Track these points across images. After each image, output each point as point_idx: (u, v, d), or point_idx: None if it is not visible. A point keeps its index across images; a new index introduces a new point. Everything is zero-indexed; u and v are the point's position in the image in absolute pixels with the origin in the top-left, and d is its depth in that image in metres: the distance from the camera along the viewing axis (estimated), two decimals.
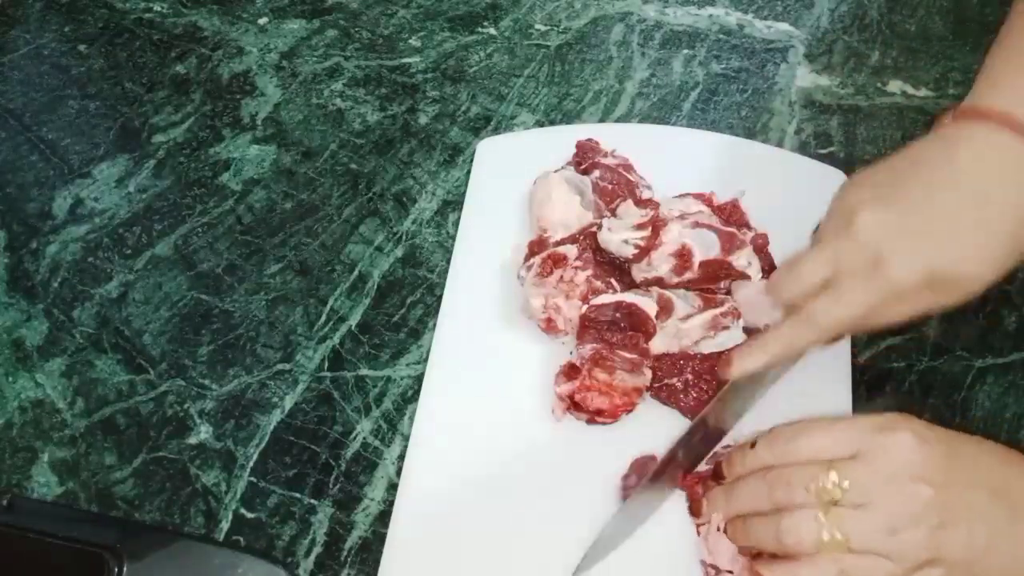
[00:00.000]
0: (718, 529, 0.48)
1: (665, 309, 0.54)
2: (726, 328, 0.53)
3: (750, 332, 0.54)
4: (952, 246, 0.45)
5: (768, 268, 0.57)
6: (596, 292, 0.55)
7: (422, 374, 0.57)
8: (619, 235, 0.56)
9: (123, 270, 0.63)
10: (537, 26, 0.74)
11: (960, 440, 0.45)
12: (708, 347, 0.54)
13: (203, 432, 0.57)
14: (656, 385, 0.54)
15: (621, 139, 0.62)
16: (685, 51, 0.72)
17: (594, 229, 0.57)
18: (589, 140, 0.62)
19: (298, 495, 0.55)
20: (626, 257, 0.56)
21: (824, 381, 0.54)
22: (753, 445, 0.48)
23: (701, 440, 0.52)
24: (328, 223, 0.65)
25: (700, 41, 0.72)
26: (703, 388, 0.53)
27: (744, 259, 0.55)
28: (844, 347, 0.56)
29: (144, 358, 0.60)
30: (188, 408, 0.58)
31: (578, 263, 0.56)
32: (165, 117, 0.70)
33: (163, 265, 0.63)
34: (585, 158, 0.61)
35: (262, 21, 0.75)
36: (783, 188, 0.62)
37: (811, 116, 0.68)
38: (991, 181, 0.45)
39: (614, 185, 0.59)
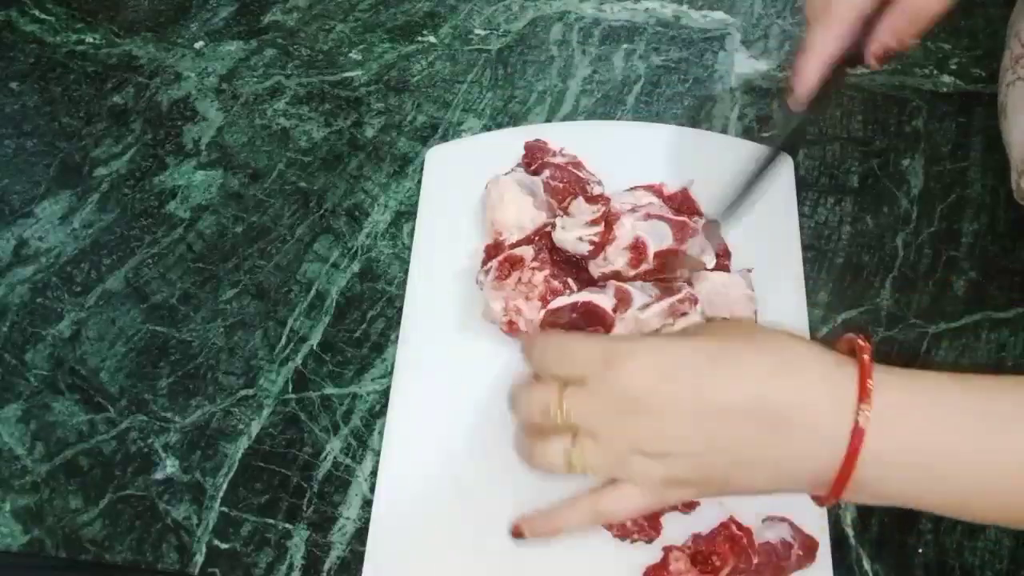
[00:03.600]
0: None
1: (623, 301, 0.54)
2: (684, 315, 0.54)
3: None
4: None
5: (722, 252, 0.57)
6: (555, 292, 0.55)
7: (388, 388, 0.57)
8: (573, 233, 0.56)
9: (74, 308, 0.62)
10: (477, 31, 0.74)
11: (709, 365, 0.40)
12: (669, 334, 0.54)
13: (169, 466, 0.56)
14: None
15: (568, 137, 0.63)
16: (625, 46, 0.72)
17: (548, 229, 0.57)
18: (537, 141, 0.62)
19: (272, 521, 0.54)
20: (582, 254, 0.56)
21: None
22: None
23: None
24: (281, 244, 0.64)
25: (638, 35, 0.73)
26: None
27: (697, 247, 0.55)
28: (802, 323, 0.57)
29: (102, 396, 0.59)
30: (152, 443, 0.57)
31: (535, 264, 0.56)
32: (106, 149, 0.69)
33: (115, 300, 0.62)
34: (535, 159, 0.61)
35: (198, 45, 0.74)
36: (732, 173, 0.63)
37: (752, 101, 0.69)
38: None
39: (565, 183, 0.59)
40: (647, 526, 0.50)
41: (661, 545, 0.50)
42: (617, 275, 0.56)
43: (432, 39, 0.74)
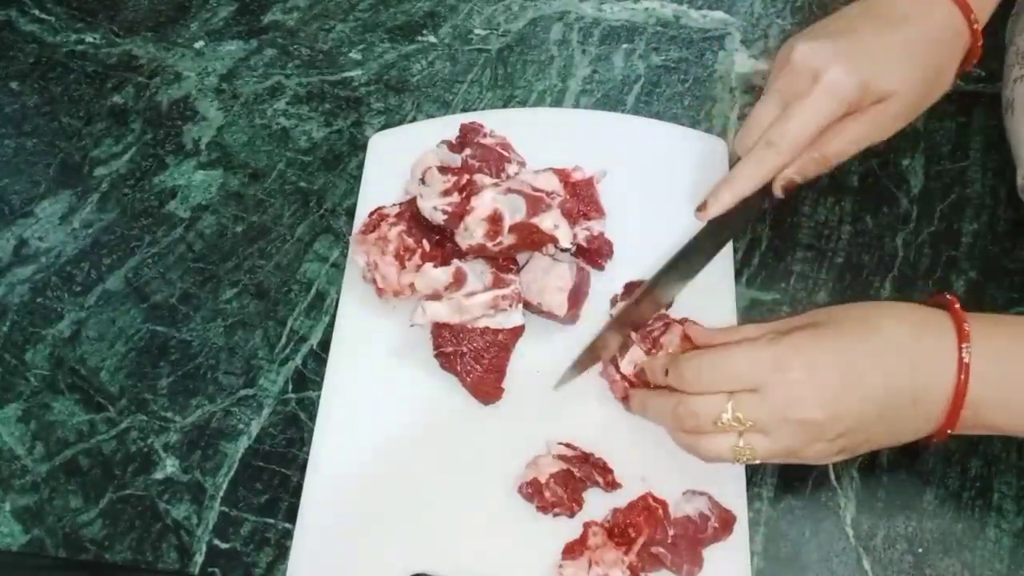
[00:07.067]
0: None
1: (457, 281, 0.55)
2: (504, 310, 0.55)
3: (532, 308, 0.56)
4: (878, 63, 0.54)
5: (605, 249, 0.59)
6: (408, 250, 0.56)
7: None
8: (429, 202, 0.56)
9: (74, 308, 0.62)
10: (476, 31, 0.74)
11: (855, 355, 0.47)
12: (486, 323, 0.55)
13: (169, 466, 0.56)
14: (436, 352, 0.55)
15: (518, 123, 0.64)
16: (624, 45, 0.72)
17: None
18: (472, 123, 0.62)
19: (272, 520, 0.54)
20: (439, 223, 0.56)
21: None
22: (666, 373, 0.50)
23: (647, 305, 0.56)
24: (281, 243, 0.64)
25: (638, 35, 0.73)
26: (479, 364, 0.55)
27: (550, 221, 0.55)
28: None
29: (103, 396, 0.59)
30: (152, 443, 0.57)
31: (392, 220, 0.57)
32: (106, 149, 0.69)
33: (115, 300, 0.62)
34: (467, 139, 0.62)
35: (198, 45, 0.74)
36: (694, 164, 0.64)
37: (752, 101, 0.68)
38: (906, 14, 0.55)
39: (482, 162, 0.59)
40: (568, 500, 0.51)
41: (582, 520, 0.51)
42: (483, 249, 0.56)
43: (432, 39, 0.74)
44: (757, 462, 0.48)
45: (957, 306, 0.47)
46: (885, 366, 0.46)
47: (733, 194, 0.56)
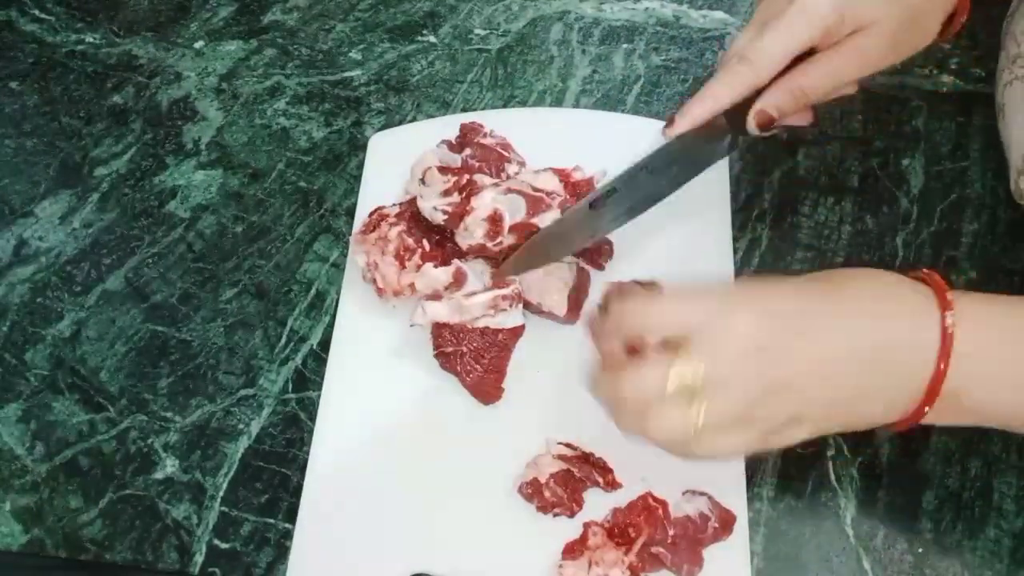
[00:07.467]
0: None
1: (457, 281, 0.55)
2: (504, 311, 0.55)
3: (532, 308, 0.56)
4: None
5: (605, 249, 0.59)
6: (408, 249, 0.56)
7: None
8: (429, 202, 0.57)
9: (74, 308, 0.62)
10: (476, 31, 0.74)
11: (812, 308, 0.45)
12: (486, 323, 0.55)
13: (169, 466, 0.56)
14: (436, 352, 0.55)
15: (519, 123, 0.64)
16: (624, 45, 0.72)
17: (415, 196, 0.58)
18: (472, 122, 0.62)
19: (272, 520, 0.54)
20: (439, 223, 0.57)
21: None
22: (605, 309, 0.47)
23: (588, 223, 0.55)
24: (281, 243, 0.64)
25: (638, 35, 0.73)
26: (479, 364, 0.54)
27: (549, 221, 0.55)
28: None
29: (103, 396, 0.59)
30: (152, 443, 0.57)
31: (392, 220, 0.57)
32: (106, 149, 0.69)
33: (115, 299, 0.62)
34: (467, 139, 0.62)
35: (198, 45, 0.74)
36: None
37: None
38: None
39: (482, 162, 0.59)
40: (568, 500, 0.51)
41: (582, 520, 0.51)
42: (483, 249, 0.56)
43: (432, 39, 0.74)
44: (734, 449, 0.45)
45: (937, 277, 0.45)
46: (847, 327, 0.44)
47: (704, 109, 0.53)
